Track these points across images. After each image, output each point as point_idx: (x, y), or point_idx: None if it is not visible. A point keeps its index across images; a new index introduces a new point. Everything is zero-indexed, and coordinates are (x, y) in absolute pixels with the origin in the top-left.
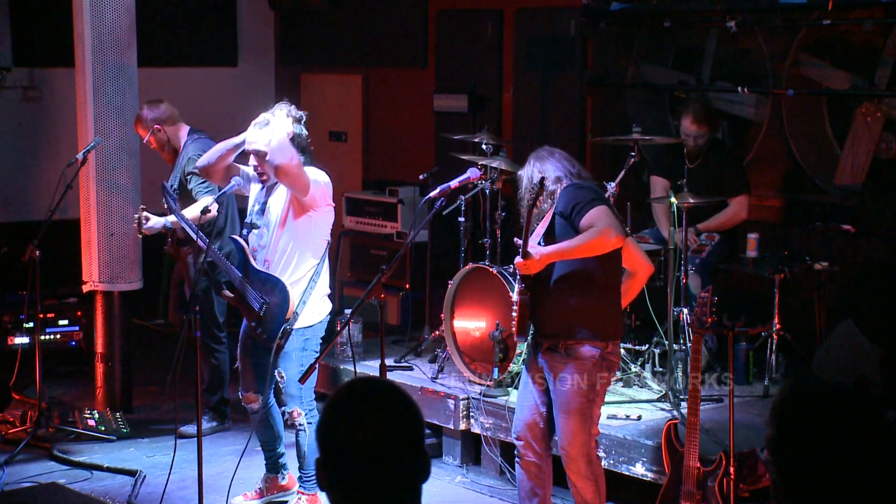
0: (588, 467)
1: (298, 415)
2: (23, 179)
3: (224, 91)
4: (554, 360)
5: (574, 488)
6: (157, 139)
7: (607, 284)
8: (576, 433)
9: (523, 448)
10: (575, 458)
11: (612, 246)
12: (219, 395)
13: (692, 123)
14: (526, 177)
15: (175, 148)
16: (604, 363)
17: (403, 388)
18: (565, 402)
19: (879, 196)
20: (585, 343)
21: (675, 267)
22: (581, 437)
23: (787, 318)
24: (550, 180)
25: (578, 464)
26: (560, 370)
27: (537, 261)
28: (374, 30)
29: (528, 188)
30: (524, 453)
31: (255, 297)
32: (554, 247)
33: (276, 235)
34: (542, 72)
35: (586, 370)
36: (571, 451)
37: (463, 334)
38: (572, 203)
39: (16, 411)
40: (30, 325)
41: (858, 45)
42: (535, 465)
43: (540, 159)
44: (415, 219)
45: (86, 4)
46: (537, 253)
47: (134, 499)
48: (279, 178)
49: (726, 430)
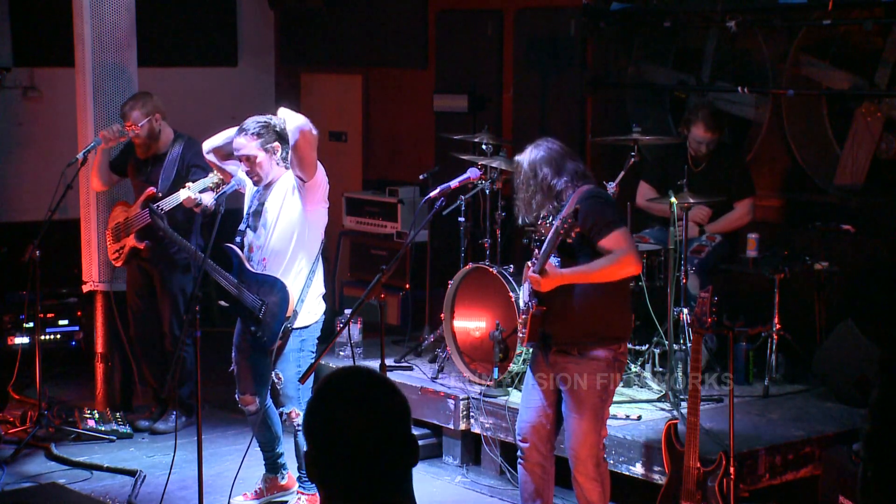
0: (596, 469)
1: (297, 415)
2: (23, 179)
3: (224, 91)
4: (567, 361)
5: (579, 489)
6: (151, 128)
7: (617, 285)
8: (587, 434)
9: (528, 450)
10: (584, 460)
11: (630, 274)
12: (188, 389)
13: (706, 131)
14: (527, 164)
15: (159, 143)
16: (616, 364)
17: (387, 377)
18: (579, 404)
19: (879, 196)
20: (599, 345)
21: (675, 267)
22: (592, 437)
23: (787, 318)
24: (560, 182)
25: (587, 465)
26: (573, 371)
27: (552, 280)
28: (374, 30)
29: (527, 181)
30: (529, 456)
31: (253, 301)
32: (572, 270)
33: (272, 235)
34: (542, 72)
35: (600, 371)
36: (581, 453)
37: (463, 334)
38: (594, 218)
39: (16, 411)
40: (30, 325)
41: (858, 45)
42: (540, 467)
43: (549, 156)
44: (415, 219)
45: (86, 4)
46: (555, 274)
47: (134, 499)
48: (298, 148)
49: (726, 430)
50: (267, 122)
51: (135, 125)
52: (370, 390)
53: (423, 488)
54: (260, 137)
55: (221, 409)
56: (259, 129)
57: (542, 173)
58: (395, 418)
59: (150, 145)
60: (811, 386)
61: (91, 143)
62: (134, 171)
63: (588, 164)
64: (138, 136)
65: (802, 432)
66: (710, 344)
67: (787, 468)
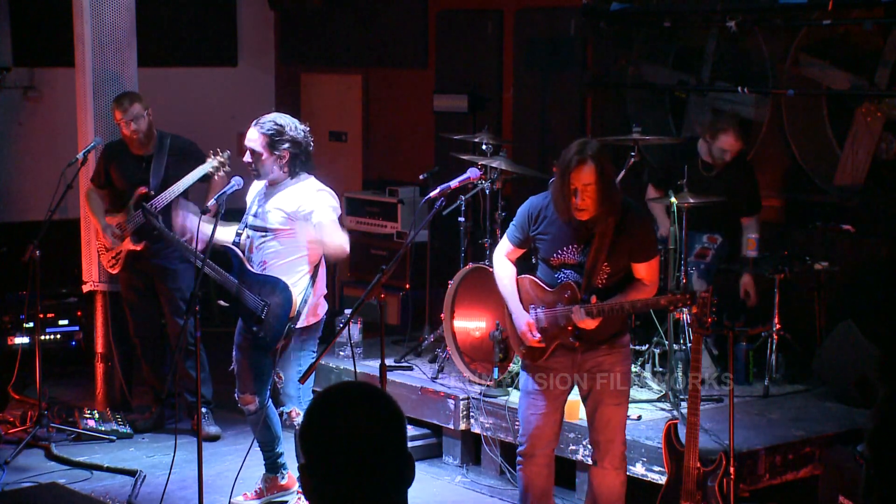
0: (623, 460)
1: (297, 415)
2: (23, 179)
3: (224, 91)
4: (597, 355)
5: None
6: (149, 122)
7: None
8: (623, 422)
9: (535, 456)
10: (619, 446)
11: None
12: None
13: (736, 140)
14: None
15: (151, 140)
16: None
17: (384, 391)
18: (619, 393)
19: (879, 196)
20: (622, 334)
21: (675, 267)
22: (625, 425)
23: (787, 318)
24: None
25: (621, 452)
26: (608, 363)
27: (596, 320)
28: (374, 30)
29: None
30: (536, 461)
31: (255, 301)
32: (611, 305)
33: (275, 238)
34: (542, 72)
35: (627, 358)
36: (618, 439)
37: (463, 334)
38: (644, 241)
39: (16, 411)
40: (30, 325)
41: (858, 45)
42: (546, 470)
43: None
44: (415, 219)
45: (86, 4)
46: (596, 314)
47: (134, 499)
48: (327, 255)
49: (726, 430)
50: (283, 126)
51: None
52: (365, 404)
53: (423, 488)
54: (270, 138)
55: (221, 408)
56: (272, 131)
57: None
58: (390, 433)
59: (146, 141)
60: (811, 386)
61: (91, 143)
62: (120, 176)
63: None
64: (137, 132)
65: (802, 432)
66: (712, 346)
67: (787, 468)
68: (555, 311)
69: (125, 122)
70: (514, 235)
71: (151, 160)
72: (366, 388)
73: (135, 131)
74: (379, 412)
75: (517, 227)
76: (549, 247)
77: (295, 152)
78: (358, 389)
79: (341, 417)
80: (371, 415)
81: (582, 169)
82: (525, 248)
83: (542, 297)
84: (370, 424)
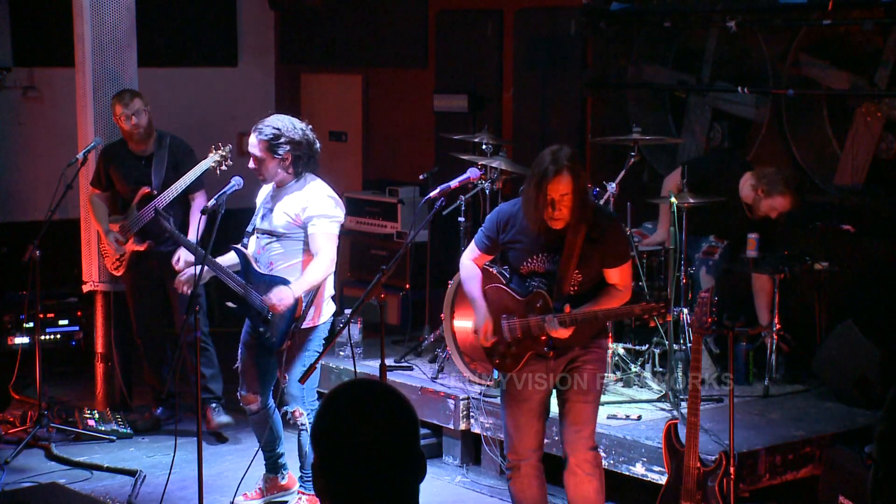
0: (597, 455)
1: (300, 415)
2: (23, 179)
3: (224, 91)
4: (571, 354)
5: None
6: (147, 118)
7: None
8: (591, 420)
9: (521, 468)
10: (591, 445)
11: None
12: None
13: (791, 205)
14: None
15: (151, 138)
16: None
17: (396, 388)
18: (583, 391)
19: (879, 196)
20: (600, 336)
21: (675, 267)
22: (593, 424)
23: (787, 318)
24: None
25: (591, 458)
26: (579, 361)
27: (569, 329)
28: (374, 30)
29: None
30: (523, 473)
31: (262, 302)
32: (584, 314)
33: (281, 239)
34: (542, 72)
35: (602, 360)
36: (589, 436)
37: (463, 334)
38: (616, 247)
39: (16, 411)
40: (30, 325)
41: (858, 45)
42: (536, 480)
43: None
44: (415, 219)
45: (86, 4)
46: (569, 323)
47: (134, 499)
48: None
49: (726, 430)
50: (281, 129)
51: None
52: (378, 402)
53: (423, 488)
54: (270, 143)
55: (223, 408)
56: (270, 135)
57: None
58: (403, 431)
59: (146, 137)
60: (811, 386)
61: (91, 143)
62: (120, 176)
63: (588, 164)
64: (138, 126)
65: (802, 432)
66: (713, 346)
67: (787, 468)
68: (527, 321)
69: (126, 115)
70: (481, 241)
71: (152, 159)
72: (377, 385)
73: (135, 125)
74: (392, 410)
75: (485, 233)
76: (518, 255)
77: (297, 153)
78: (370, 387)
79: (354, 416)
80: (384, 413)
81: (560, 179)
82: (492, 255)
83: (513, 306)
84: (383, 423)
